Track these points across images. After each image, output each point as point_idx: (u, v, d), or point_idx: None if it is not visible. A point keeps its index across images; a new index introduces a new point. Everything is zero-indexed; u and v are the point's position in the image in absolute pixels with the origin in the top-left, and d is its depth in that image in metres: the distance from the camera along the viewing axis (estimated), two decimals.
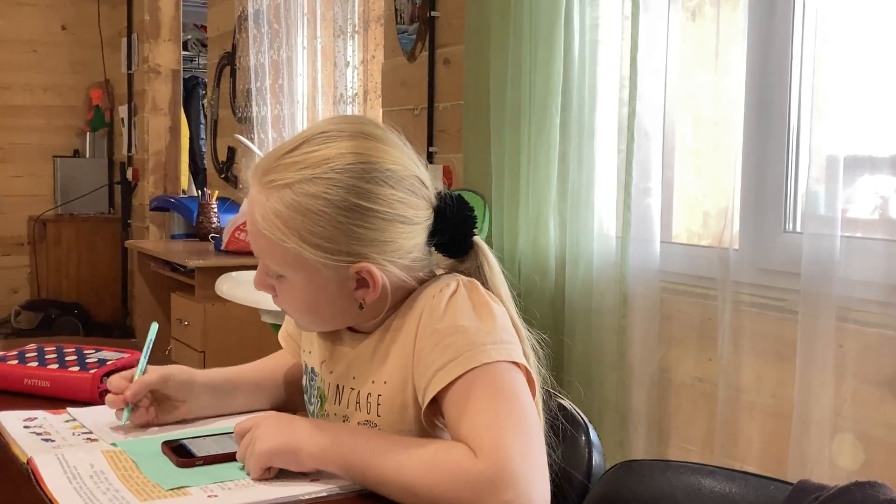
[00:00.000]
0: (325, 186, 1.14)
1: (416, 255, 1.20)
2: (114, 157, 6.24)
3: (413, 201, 1.19)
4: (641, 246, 2.17)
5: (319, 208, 1.14)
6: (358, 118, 1.26)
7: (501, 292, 1.23)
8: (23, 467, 1.17)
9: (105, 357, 1.59)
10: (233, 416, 1.39)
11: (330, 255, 1.15)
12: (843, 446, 1.76)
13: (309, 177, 1.15)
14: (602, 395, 2.21)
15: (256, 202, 1.18)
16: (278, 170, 1.17)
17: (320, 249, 1.15)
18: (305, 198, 1.14)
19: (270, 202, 1.16)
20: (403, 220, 1.17)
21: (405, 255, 1.18)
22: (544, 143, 2.32)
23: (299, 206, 1.14)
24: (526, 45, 2.36)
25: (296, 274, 1.19)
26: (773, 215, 2.00)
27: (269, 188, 1.17)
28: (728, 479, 1.15)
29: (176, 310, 4.38)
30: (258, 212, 1.18)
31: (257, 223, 1.18)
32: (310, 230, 1.15)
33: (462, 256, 1.25)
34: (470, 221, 1.24)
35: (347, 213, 1.14)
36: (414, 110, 3.19)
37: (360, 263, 1.16)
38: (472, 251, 1.25)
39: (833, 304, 1.76)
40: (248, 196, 1.22)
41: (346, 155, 1.16)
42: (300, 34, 4.14)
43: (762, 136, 1.99)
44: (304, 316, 1.26)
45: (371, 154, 1.17)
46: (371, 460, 1.07)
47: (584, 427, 1.33)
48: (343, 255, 1.16)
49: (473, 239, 1.25)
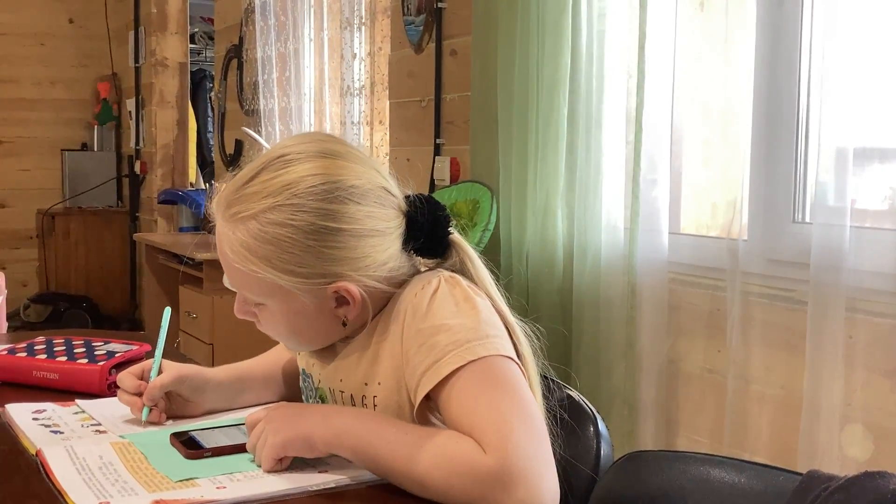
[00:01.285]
0: (290, 213, 1.13)
1: (392, 264, 1.19)
2: (122, 150, 6.25)
3: (382, 213, 1.17)
4: (650, 237, 2.17)
5: (287, 235, 1.13)
6: (315, 136, 1.24)
7: (486, 284, 1.22)
8: (32, 459, 1.18)
9: (114, 349, 1.59)
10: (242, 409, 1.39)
11: (305, 279, 1.15)
12: (853, 437, 1.75)
13: (272, 205, 1.13)
14: (611, 386, 2.21)
15: (224, 236, 1.17)
16: (241, 201, 1.15)
17: (294, 275, 1.14)
18: (272, 227, 1.13)
19: (238, 235, 1.15)
20: (374, 233, 1.16)
21: (381, 268, 1.17)
22: (552, 135, 2.32)
23: (267, 235, 1.13)
24: (533, 35, 2.35)
25: (274, 301, 1.18)
26: (782, 206, 1.99)
27: (234, 221, 1.15)
28: (737, 470, 1.14)
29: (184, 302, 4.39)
30: (227, 246, 1.16)
31: (228, 257, 1.17)
32: (281, 258, 1.13)
33: (441, 256, 1.24)
34: (443, 221, 1.22)
35: (316, 237, 1.13)
36: (421, 102, 3.19)
37: (337, 283, 1.15)
38: (452, 249, 1.24)
39: (842, 295, 1.75)
40: (215, 230, 1.20)
41: (307, 178, 1.14)
42: (307, 26, 4.14)
43: (771, 127, 1.98)
44: (289, 339, 1.26)
45: (332, 173, 1.15)
46: (382, 450, 1.07)
47: (593, 418, 1.32)
48: (318, 278, 1.15)
49: (450, 238, 1.23)
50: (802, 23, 1.94)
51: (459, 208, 2.62)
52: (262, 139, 4.12)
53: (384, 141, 3.69)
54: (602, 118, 2.26)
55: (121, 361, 1.53)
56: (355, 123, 3.83)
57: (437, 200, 1.23)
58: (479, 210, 2.55)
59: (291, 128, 4.23)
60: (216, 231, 1.20)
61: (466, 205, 2.61)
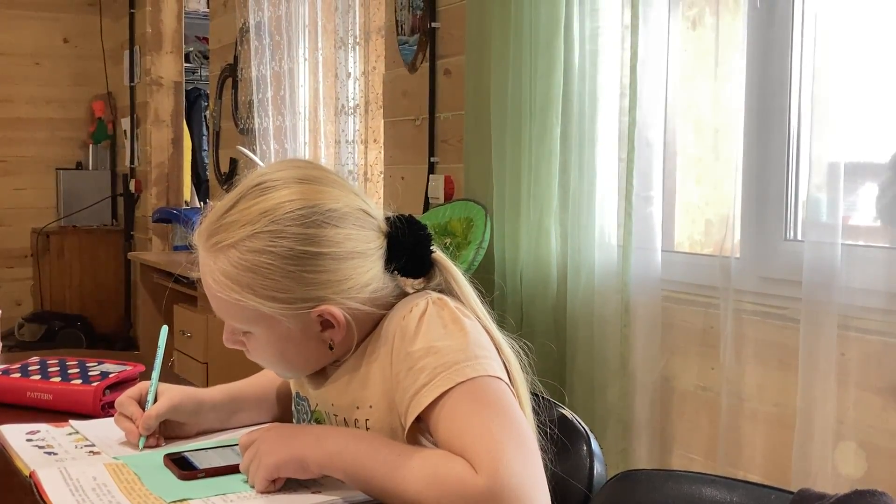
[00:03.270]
0: (268, 239, 1.14)
1: (375, 285, 1.19)
2: (116, 168, 6.26)
3: (361, 234, 1.18)
4: (643, 255, 2.17)
5: (267, 262, 1.13)
6: (292, 162, 1.24)
7: (471, 302, 1.22)
8: (25, 480, 1.18)
9: (107, 370, 1.59)
10: (236, 429, 1.39)
11: (287, 304, 1.15)
12: (846, 454, 1.75)
13: (250, 233, 1.14)
14: (605, 404, 2.21)
15: (206, 266, 1.18)
16: (220, 231, 1.16)
17: (276, 301, 1.15)
18: (251, 254, 1.14)
19: (219, 264, 1.16)
20: (355, 255, 1.17)
21: (364, 289, 1.18)
22: (545, 153, 2.32)
23: (247, 263, 1.14)
24: (526, 54, 2.37)
25: (259, 328, 1.18)
26: (774, 223, 2.00)
27: (214, 251, 1.17)
28: (729, 488, 1.15)
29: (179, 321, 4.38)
30: (209, 276, 1.18)
31: (211, 287, 1.18)
32: (262, 285, 1.14)
33: (424, 275, 1.24)
34: (424, 241, 1.22)
35: (296, 262, 1.14)
36: (415, 121, 3.20)
37: (320, 307, 1.16)
38: (435, 268, 1.24)
39: (835, 313, 1.76)
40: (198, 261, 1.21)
41: (284, 204, 1.15)
42: (301, 46, 4.15)
43: (763, 144, 1.99)
44: (277, 366, 1.27)
45: (309, 197, 1.16)
46: (375, 471, 1.07)
47: (586, 436, 1.33)
48: (300, 303, 1.15)
49: (433, 256, 1.24)
50: (793, 40, 1.96)
51: (453, 226, 2.63)
52: (257, 158, 4.13)
53: (378, 159, 3.70)
54: (595, 136, 2.27)
55: (115, 382, 1.54)
56: (350, 142, 3.84)
57: (417, 220, 1.24)
58: (473, 228, 2.56)
59: (286, 146, 4.24)
60: (199, 262, 1.21)
61: (460, 223, 2.62)
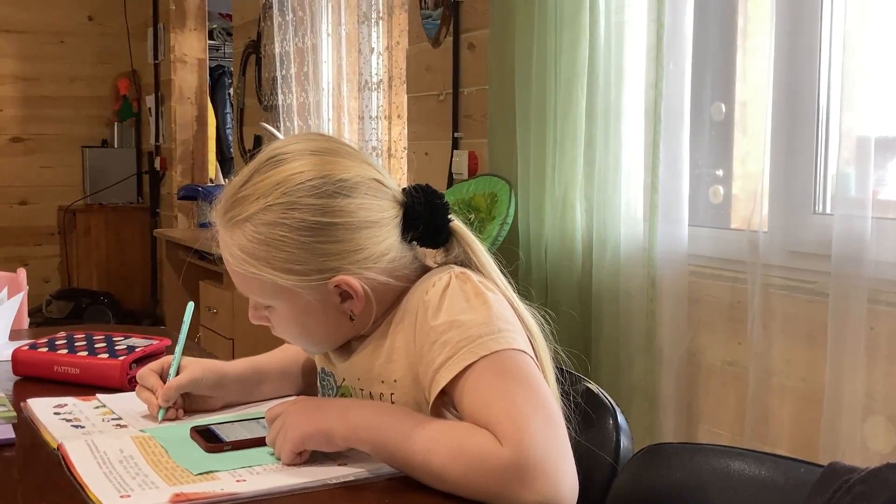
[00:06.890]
0: (281, 211, 1.14)
1: (391, 255, 1.19)
2: (142, 146, 6.28)
3: (375, 203, 1.18)
4: (669, 229, 2.15)
5: (281, 235, 1.14)
6: (305, 135, 1.26)
7: (492, 273, 1.22)
8: (53, 453, 1.19)
9: (134, 344, 1.60)
10: (261, 402, 1.39)
11: (304, 276, 1.16)
12: (875, 429, 1.74)
13: (264, 206, 1.15)
14: (631, 380, 2.20)
15: (224, 242, 1.19)
16: (235, 205, 1.17)
17: (293, 273, 1.15)
18: (265, 227, 1.15)
19: (235, 239, 1.17)
20: (368, 224, 1.17)
21: (380, 259, 1.18)
22: (570, 127, 2.31)
23: (261, 236, 1.15)
24: (551, 28, 2.35)
25: (280, 302, 1.19)
26: (802, 197, 1.97)
27: (230, 226, 1.18)
28: (757, 462, 1.14)
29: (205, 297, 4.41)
30: (227, 251, 1.19)
31: (229, 262, 1.19)
32: (278, 257, 1.15)
33: (443, 245, 1.24)
34: (441, 209, 1.22)
35: (309, 233, 1.14)
36: (439, 95, 3.19)
37: (337, 277, 1.16)
38: (454, 238, 1.24)
39: (864, 286, 1.74)
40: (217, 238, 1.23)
41: (296, 175, 1.15)
42: (325, 21, 4.14)
43: (791, 118, 1.96)
44: (302, 340, 1.27)
45: (321, 168, 1.16)
46: (400, 444, 1.07)
47: (612, 411, 1.32)
48: (317, 274, 1.16)
49: (451, 225, 1.23)
50: (822, 12, 1.93)
51: (478, 202, 2.62)
52: (281, 134, 4.13)
53: (402, 135, 3.69)
54: (621, 110, 2.25)
55: (141, 356, 1.54)
56: (373, 118, 3.83)
57: (434, 189, 1.23)
58: (497, 203, 2.55)
59: (310, 122, 4.24)
60: (218, 238, 1.22)
61: (485, 198, 2.61)
